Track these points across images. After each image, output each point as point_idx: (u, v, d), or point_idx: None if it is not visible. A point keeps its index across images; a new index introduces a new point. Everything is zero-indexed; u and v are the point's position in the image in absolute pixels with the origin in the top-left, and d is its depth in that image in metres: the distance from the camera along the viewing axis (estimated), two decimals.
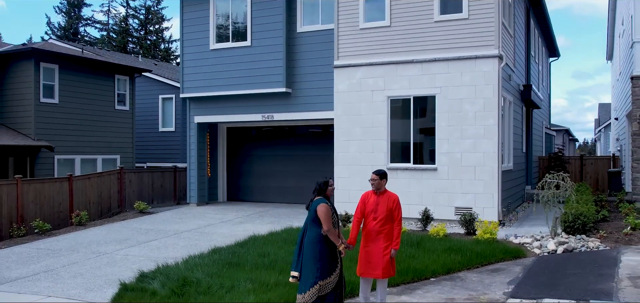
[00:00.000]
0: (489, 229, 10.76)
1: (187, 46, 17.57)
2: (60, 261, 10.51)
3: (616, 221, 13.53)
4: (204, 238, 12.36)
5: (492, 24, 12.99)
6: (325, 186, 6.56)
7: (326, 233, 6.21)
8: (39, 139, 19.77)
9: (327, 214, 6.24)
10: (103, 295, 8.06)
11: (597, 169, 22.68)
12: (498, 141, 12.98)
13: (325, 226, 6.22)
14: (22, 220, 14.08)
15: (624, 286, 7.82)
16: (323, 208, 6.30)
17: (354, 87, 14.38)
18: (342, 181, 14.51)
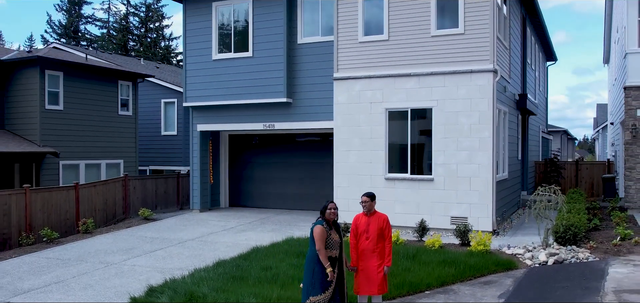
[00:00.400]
0: (482, 241, 11.18)
1: (190, 56, 17.96)
2: (70, 272, 10.93)
3: (607, 230, 13.94)
4: (208, 247, 12.78)
5: (487, 39, 13.37)
6: (324, 210, 7.00)
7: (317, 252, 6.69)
8: (44, 145, 20.18)
9: (318, 236, 6.72)
10: None
11: (592, 174, 23.09)
12: (493, 153, 13.39)
13: (316, 246, 6.69)
14: (31, 228, 14.51)
15: (608, 300, 8.24)
16: (317, 230, 6.78)
17: (353, 99, 14.78)
18: (341, 190, 14.92)
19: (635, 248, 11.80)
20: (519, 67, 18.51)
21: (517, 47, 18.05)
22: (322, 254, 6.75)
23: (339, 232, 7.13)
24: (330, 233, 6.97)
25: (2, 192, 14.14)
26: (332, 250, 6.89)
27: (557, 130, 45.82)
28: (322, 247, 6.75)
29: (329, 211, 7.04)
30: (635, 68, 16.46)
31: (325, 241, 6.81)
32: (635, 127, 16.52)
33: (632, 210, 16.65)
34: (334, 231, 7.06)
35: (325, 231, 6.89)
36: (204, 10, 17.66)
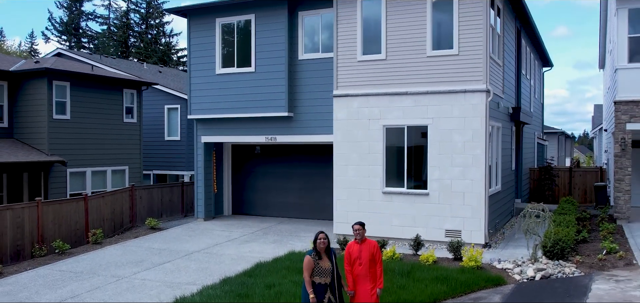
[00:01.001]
0: (474, 256, 11.81)
1: (194, 70, 18.54)
2: (83, 286, 11.57)
3: (595, 242, 14.57)
4: (214, 260, 13.42)
5: (480, 60, 13.96)
6: (315, 240, 7.70)
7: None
8: (52, 154, 20.78)
9: (305, 266, 7.55)
10: None
11: (585, 181, 23.74)
12: (485, 169, 14.00)
13: (303, 274, 7.41)
14: (43, 239, 15.14)
15: None
16: (305, 260, 7.59)
17: (352, 115, 15.38)
18: (341, 203, 15.54)
19: (619, 262, 12.43)
20: (513, 80, 19.08)
21: (511, 61, 18.62)
22: (307, 282, 7.49)
23: (331, 259, 7.75)
24: (319, 262, 7.62)
25: (15, 205, 14.76)
26: (322, 277, 7.54)
27: (554, 131, 46.40)
28: (307, 276, 7.49)
29: (319, 242, 7.69)
30: (625, 83, 17.03)
31: (313, 270, 7.50)
32: (624, 140, 17.11)
33: (621, 221, 17.26)
34: (325, 260, 7.69)
35: (313, 261, 7.56)
36: (208, 25, 18.22)
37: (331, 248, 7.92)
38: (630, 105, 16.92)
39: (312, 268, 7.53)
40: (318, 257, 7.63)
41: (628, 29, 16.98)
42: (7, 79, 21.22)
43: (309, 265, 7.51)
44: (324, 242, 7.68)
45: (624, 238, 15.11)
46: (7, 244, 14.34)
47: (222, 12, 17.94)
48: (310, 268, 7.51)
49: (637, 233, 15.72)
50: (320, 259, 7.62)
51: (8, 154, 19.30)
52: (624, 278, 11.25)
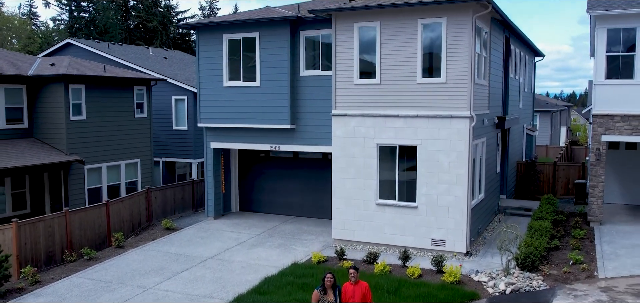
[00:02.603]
0: (453, 272, 13.56)
1: (203, 81, 19.95)
2: (115, 297, 13.36)
3: (565, 249, 16.32)
4: (225, 268, 15.19)
5: (465, 89, 15.39)
6: (323, 279, 9.35)
7: None
8: (70, 153, 22.36)
9: (313, 300, 9.15)
10: None
11: (568, 175, 25.39)
12: (467, 187, 15.62)
13: None
14: (71, 245, 16.91)
15: None
16: (313, 295, 9.21)
17: (349, 133, 16.91)
18: (339, 212, 17.23)
19: (581, 275, 14.19)
20: (500, 90, 20.48)
21: (499, 74, 19.98)
22: None
23: (335, 294, 9.43)
24: (324, 297, 9.30)
25: (46, 216, 16.46)
26: None
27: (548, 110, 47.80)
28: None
29: (326, 280, 9.36)
30: (602, 98, 18.46)
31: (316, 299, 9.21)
32: (599, 151, 18.67)
33: (593, 223, 19.00)
34: (330, 294, 9.38)
35: (320, 295, 9.24)
36: (216, 39, 19.52)
37: (337, 285, 9.56)
38: (606, 119, 18.41)
39: (318, 301, 9.19)
40: (324, 292, 9.31)
41: (606, 48, 18.30)
42: (26, 83, 22.60)
43: (316, 297, 9.18)
44: (330, 280, 9.35)
45: (592, 244, 16.86)
46: (40, 251, 16.10)
47: (228, 29, 19.22)
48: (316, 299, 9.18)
49: (605, 237, 17.47)
50: (326, 294, 9.31)
51: (31, 155, 20.88)
52: (582, 293, 13.01)
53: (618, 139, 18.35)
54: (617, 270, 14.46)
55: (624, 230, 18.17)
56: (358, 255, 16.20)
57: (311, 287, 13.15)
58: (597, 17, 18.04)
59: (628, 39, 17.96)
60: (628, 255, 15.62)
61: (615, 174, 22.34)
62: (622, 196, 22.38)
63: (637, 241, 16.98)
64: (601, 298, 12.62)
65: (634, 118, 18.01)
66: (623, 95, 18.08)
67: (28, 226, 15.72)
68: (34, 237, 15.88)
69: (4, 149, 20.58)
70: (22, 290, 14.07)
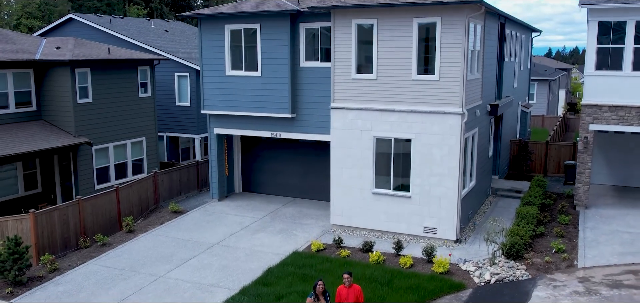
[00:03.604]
0: (442, 262, 14.61)
1: (206, 69, 20.59)
2: (129, 286, 14.45)
3: (550, 236, 17.33)
4: (231, 255, 16.25)
5: (457, 87, 16.09)
6: (315, 286, 10.31)
7: None
8: (79, 135, 23.18)
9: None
10: None
11: (559, 154, 26.25)
12: (458, 179, 16.51)
13: None
14: (85, 231, 17.95)
15: None
16: (308, 301, 10.10)
17: (346, 126, 17.69)
18: (337, 199, 18.19)
19: (562, 264, 15.24)
20: (494, 78, 21.11)
21: (492, 62, 20.57)
22: None
23: (326, 299, 10.43)
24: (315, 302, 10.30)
25: (62, 206, 17.46)
26: None
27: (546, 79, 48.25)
28: None
29: (318, 287, 10.34)
30: (592, 89, 19.15)
31: None
32: (587, 139, 19.48)
33: (579, 207, 19.99)
34: (322, 300, 10.37)
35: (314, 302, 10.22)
36: (218, 29, 20.06)
37: (326, 291, 10.56)
38: (594, 108, 19.15)
39: None
40: (317, 298, 10.31)
41: (597, 40, 18.87)
42: (33, 67, 23.21)
43: None
44: (322, 287, 10.34)
45: (575, 230, 17.89)
46: (56, 238, 17.15)
47: (230, 20, 19.74)
48: None
49: (589, 223, 18.48)
50: (318, 300, 10.31)
51: (41, 139, 21.71)
52: (561, 283, 14.08)
53: (605, 128, 19.12)
54: (595, 259, 15.51)
55: (607, 215, 19.16)
56: (355, 241, 17.24)
57: (310, 278, 14.24)
58: (589, 9, 18.54)
59: (618, 32, 18.51)
60: (608, 242, 16.64)
61: (603, 156, 23.19)
62: (609, 177, 23.30)
63: (618, 227, 17.99)
64: (578, 289, 13.69)
65: (621, 109, 18.75)
66: (611, 86, 18.77)
67: (44, 215, 16.71)
68: (51, 225, 16.89)
69: (15, 133, 21.40)
70: (42, 278, 15.16)
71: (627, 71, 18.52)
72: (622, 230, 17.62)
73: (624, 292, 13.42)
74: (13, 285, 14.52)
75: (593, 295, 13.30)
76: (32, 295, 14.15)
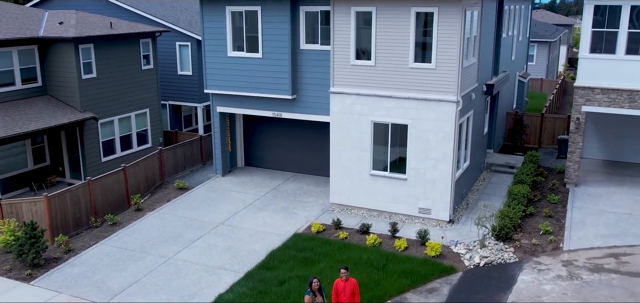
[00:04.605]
0: (435, 247, 15.50)
1: (208, 50, 20.98)
2: (140, 268, 15.39)
3: (539, 216, 18.18)
4: (235, 236, 17.15)
5: (453, 76, 16.58)
6: (310, 284, 11.13)
7: None
8: (84, 110, 23.77)
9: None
10: None
11: (554, 126, 26.87)
12: (452, 164, 17.22)
13: None
14: (95, 211, 18.81)
15: None
16: (306, 299, 10.97)
17: (345, 110, 18.26)
18: (336, 180, 18.95)
19: (548, 247, 16.14)
20: (490, 58, 21.49)
21: (490, 42, 20.91)
22: None
23: (322, 295, 11.32)
24: (315, 299, 11.18)
25: (73, 187, 18.24)
26: None
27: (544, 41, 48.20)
28: None
29: (313, 285, 11.16)
30: (585, 71, 19.60)
31: None
32: (578, 120, 20.07)
33: (569, 185, 20.78)
34: (318, 296, 11.25)
35: (311, 299, 11.10)
36: (219, 10, 20.33)
37: (322, 288, 11.41)
38: (587, 90, 19.66)
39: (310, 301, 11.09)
40: (314, 295, 11.20)
41: (592, 23, 19.18)
42: (37, 43, 23.56)
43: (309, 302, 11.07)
44: (317, 284, 11.21)
45: (564, 209, 18.73)
46: (69, 218, 18.03)
47: (231, 1, 19.99)
48: None
49: (577, 201, 19.31)
50: (315, 296, 11.21)
51: (47, 116, 22.32)
52: (546, 267, 15.00)
53: (597, 110, 19.68)
54: (580, 241, 16.40)
55: (596, 194, 19.97)
56: (353, 221, 18.12)
57: (311, 261, 15.18)
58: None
59: (613, 15, 18.80)
60: (593, 224, 17.51)
61: (596, 131, 23.82)
62: (600, 151, 23.99)
63: (604, 206, 18.83)
64: (561, 273, 14.62)
65: (612, 91, 19.26)
66: (604, 69, 19.22)
67: (57, 197, 17.52)
68: (63, 207, 17.73)
69: (22, 110, 22.00)
70: (58, 259, 16.11)
71: (620, 54, 18.93)
72: (609, 210, 18.46)
73: (603, 276, 14.35)
74: (31, 267, 15.47)
75: (575, 279, 14.24)
76: (50, 277, 15.11)
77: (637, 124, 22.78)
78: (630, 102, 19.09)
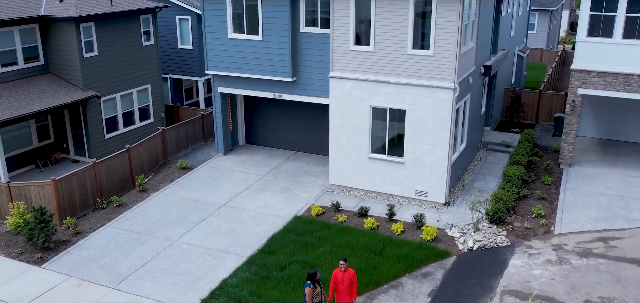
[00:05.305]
0: (430, 231, 16.07)
1: (208, 32, 21.12)
2: (147, 251, 16.00)
3: (532, 200, 18.70)
4: (237, 218, 17.71)
5: (450, 63, 16.83)
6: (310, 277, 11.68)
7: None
8: (87, 88, 24.06)
9: (308, 295, 11.54)
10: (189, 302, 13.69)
11: (552, 103, 27.17)
12: (449, 149, 17.64)
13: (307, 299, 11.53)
14: (101, 193, 19.35)
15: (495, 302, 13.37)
16: (307, 291, 11.56)
17: (345, 95, 18.58)
18: (335, 163, 19.41)
19: (540, 230, 16.71)
20: (489, 38, 21.63)
21: (488, 23, 21.02)
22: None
23: (320, 286, 11.91)
24: (315, 291, 11.79)
25: (80, 170, 18.70)
26: (316, 298, 11.81)
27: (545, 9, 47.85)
28: (311, 301, 11.63)
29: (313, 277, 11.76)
30: (582, 54, 19.81)
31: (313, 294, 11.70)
32: (574, 102, 20.38)
33: (564, 165, 21.25)
34: (317, 288, 11.85)
35: (312, 291, 11.69)
36: None
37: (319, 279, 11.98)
38: (583, 73, 19.92)
39: (312, 294, 11.72)
40: (314, 287, 11.81)
41: (590, 6, 19.29)
42: (38, 22, 23.65)
43: (310, 293, 11.68)
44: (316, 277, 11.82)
45: (557, 191, 19.25)
46: (76, 200, 18.57)
47: None
48: (311, 295, 11.69)
49: (570, 183, 19.82)
50: (315, 288, 11.81)
51: (51, 95, 22.62)
52: (536, 251, 15.60)
53: (592, 93, 19.97)
54: (571, 224, 16.97)
55: (589, 174, 20.45)
56: (352, 202, 18.66)
57: (311, 245, 15.78)
58: None
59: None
60: (585, 206, 18.05)
61: (591, 108, 24.14)
62: (596, 130, 24.38)
63: (597, 188, 19.34)
64: (551, 258, 15.23)
65: (608, 75, 19.52)
66: (601, 52, 19.43)
67: (64, 181, 18.02)
68: (70, 189, 18.26)
69: (26, 90, 22.30)
70: (67, 242, 16.72)
71: (617, 38, 19.11)
72: (601, 192, 18.97)
73: (591, 261, 14.96)
74: (42, 250, 16.09)
75: (563, 264, 14.85)
76: (60, 261, 15.75)
77: (632, 105, 23.09)
78: (626, 85, 19.36)
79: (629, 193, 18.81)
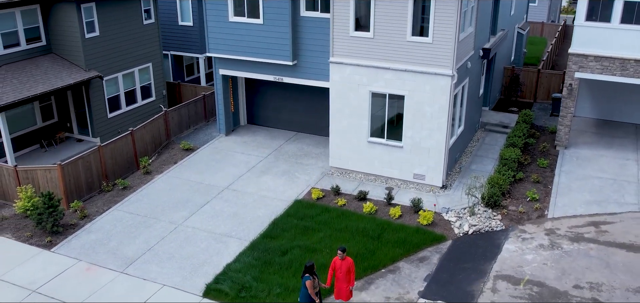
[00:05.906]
0: (427, 216, 16.56)
1: (209, 14, 21.23)
2: (152, 235, 16.52)
3: (527, 183, 19.13)
4: (240, 201, 18.17)
5: (449, 51, 17.04)
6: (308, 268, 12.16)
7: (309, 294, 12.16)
8: (89, 69, 24.27)
9: (309, 286, 12.05)
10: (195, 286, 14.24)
11: (550, 82, 27.39)
12: (446, 134, 18.00)
13: (308, 291, 12.06)
14: (107, 175, 19.79)
15: (487, 288, 13.93)
16: (308, 283, 12.07)
17: (345, 79, 18.83)
18: (335, 146, 19.80)
19: (533, 214, 17.19)
20: (488, 20, 21.73)
21: (488, 4, 21.10)
22: (313, 295, 12.18)
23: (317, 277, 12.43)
24: (315, 282, 12.32)
25: (85, 153, 19.10)
26: (315, 288, 12.35)
27: None
28: (312, 291, 12.17)
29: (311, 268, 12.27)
30: (580, 38, 19.97)
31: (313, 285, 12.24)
32: (571, 86, 20.63)
33: (560, 147, 21.63)
34: (315, 278, 12.37)
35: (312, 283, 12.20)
36: None
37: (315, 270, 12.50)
38: (581, 57, 20.13)
39: (312, 285, 12.26)
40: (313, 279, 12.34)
41: None
42: (39, 3, 23.70)
43: (311, 285, 12.22)
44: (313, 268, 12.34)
45: (552, 174, 19.68)
46: (82, 183, 19.03)
47: None
48: (312, 286, 12.23)
49: (565, 166, 20.24)
50: (314, 279, 12.34)
51: (54, 76, 22.85)
52: (530, 236, 16.12)
53: (589, 77, 20.21)
54: (565, 208, 17.44)
55: (584, 157, 20.85)
56: (351, 185, 19.11)
57: (311, 230, 16.30)
58: None
59: None
60: (579, 189, 18.50)
61: (588, 90, 24.39)
62: (592, 110, 24.67)
63: (591, 171, 19.76)
64: (543, 242, 15.75)
65: (605, 59, 19.73)
66: (599, 37, 19.60)
67: (70, 165, 18.44)
68: (76, 173, 18.70)
69: (29, 72, 22.54)
70: (75, 225, 17.24)
71: (615, 23, 19.25)
72: (595, 176, 19.40)
73: (582, 246, 15.48)
74: (51, 234, 16.62)
75: (555, 249, 15.38)
76: (69, 244, 16.29)
77: (629, 87, 23.31)
78: (622, 70, 19.59)
79: (622, 176, 19.24)
